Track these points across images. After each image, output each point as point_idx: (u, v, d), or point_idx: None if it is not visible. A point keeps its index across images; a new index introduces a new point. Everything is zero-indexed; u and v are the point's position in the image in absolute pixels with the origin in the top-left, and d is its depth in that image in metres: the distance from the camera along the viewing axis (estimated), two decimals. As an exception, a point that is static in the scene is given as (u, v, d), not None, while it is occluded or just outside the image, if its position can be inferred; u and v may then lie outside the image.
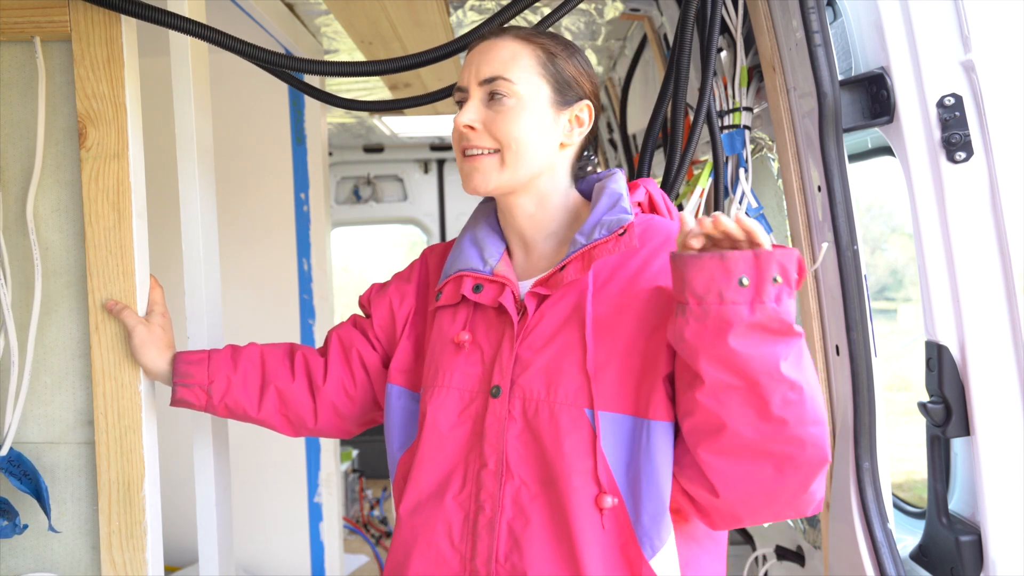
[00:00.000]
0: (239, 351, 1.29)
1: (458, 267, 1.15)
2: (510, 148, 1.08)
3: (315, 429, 1.30)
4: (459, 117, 1.09)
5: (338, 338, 1.29)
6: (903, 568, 1.30)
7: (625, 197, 1.10)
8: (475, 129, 1.09)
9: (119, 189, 1.27)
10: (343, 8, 2.00)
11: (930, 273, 1.21)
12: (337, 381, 1.27)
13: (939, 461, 1.26)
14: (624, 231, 1.04)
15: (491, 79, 1.08)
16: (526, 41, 1.10)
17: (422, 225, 4.75)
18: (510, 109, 1.08)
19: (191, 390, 1.25)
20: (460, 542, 1.06)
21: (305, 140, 2.74)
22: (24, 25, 1.27)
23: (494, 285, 1.11)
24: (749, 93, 1.59)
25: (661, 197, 1.20)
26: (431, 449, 1.11)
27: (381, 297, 1.27)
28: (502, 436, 1.05)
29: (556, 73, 1.10)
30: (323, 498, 2.77)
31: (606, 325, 1.04)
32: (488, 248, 1.16)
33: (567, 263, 1.06)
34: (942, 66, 1.19)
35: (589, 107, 1.13)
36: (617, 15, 2.43)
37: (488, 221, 1.21)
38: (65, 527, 1.31)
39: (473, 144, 1.09)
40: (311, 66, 1.34)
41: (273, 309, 2.74)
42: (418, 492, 1.11)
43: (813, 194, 1.41)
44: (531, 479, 1.04)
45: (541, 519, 1.03)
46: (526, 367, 1.06)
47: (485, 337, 1.11)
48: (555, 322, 1.06)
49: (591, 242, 1.05)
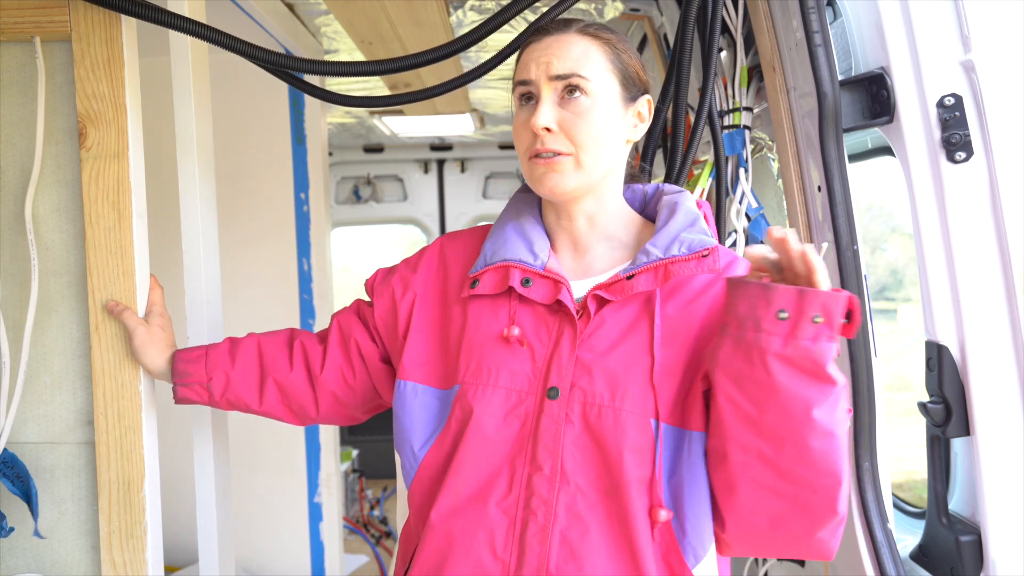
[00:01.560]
0: (237, 344, 1.27)
1: (504, 256, 1.09)
2: (588, 150, 1.04)
3: (319, 418, 1.27)
4: (536, 118, 1.03)
5: (338, 325, 1.25)
6: (903, 568, 1.30)
7: (702, 220, 1.08)
8: (552, 131, 1.04)
9: (119, 189, 1.27)
10: (343, 8, 2.00)
11: (930, 273, 1.21)
12: (336, 370, 1.23)
13: (939, 461, 1.26)
14: (708, 253, 1.02)
15: (566, 76, 1.04)
16: (594, 37, 1.07)
17: (422, 225, 4.75)
18: (587, 109, 1.04)
19: (191, 388, 1.24)
20: (504, 551, 1.00)
21: (305, 140, 2.74)
22: (24, 25, 1.27)
23: (547, 282, 1.06)
24: (749, 93, 1.59)
25: (712, 220, 1.17)
26: (474, 451, 1.04)
27: (384, 286, 1.22)
28: (559, 440, 1.01)
29: (623, 68, 1.07)
30: (323, 498, 2.78)
31: (666, 339, 1.02)
32: (538, 241, 1.11)
33: (637, 273, 1.02)
34: (942, 66, 1.19)
35: (649, 101, 1.11)
36: (617, 15, 2.43)
37: (532, 213, 1.16)
38: (65, 527, 1.31)
39: (548, 147, 1.04)
40: (311, 66, 1.34)
41: (273, 309, 2.74)
42: (455, 495, 1.04)
43: (813, 194, 1.41)
44: (588, 487, 1.00)
45: (600, 529, 0.99)
46: (588, 370, 1.02)
47: (535, 334, 1.06)
48: (619, 328, 1.03)
49: (669, 257, 1.02)
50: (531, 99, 1.07)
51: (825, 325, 0.85)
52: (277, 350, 1.27)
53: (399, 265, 1.24)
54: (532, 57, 1.07)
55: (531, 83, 1.06)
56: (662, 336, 1.02)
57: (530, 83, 1.06)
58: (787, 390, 0.88)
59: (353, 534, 3.67)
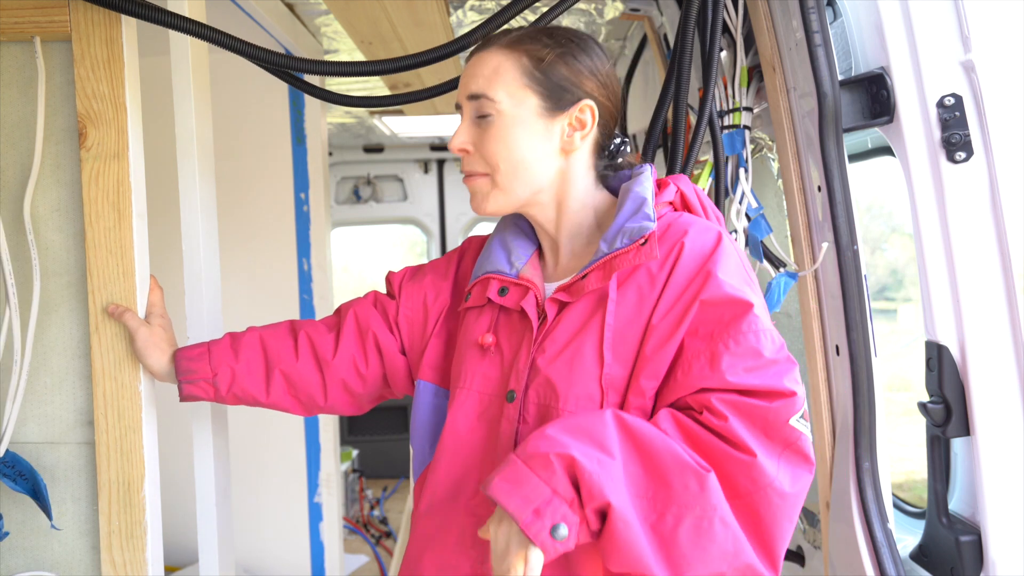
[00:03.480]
0: (238, 338, 1.28)
1: (486, 269, 1.14)
2: (499, 170, 1.06)
3: (326, 406, 1.28)
4: (451, 140, 1.08)
5: (355, 317, 1.26)
6: (903, 568, 1.30)
7: (649, 202, 1.04)
8: (469, 152, 1.08)
9: (119, 189, 1.27)
10: (343, 8, 2.00)
11: (930, 273, 1.21)
12: (348, 358, 1.25)
13: (939, 461, 1.26)
14: (645, 240, 1.01)
15: (475, 96, 1.06)
16: (510, 50, 1.06)
17: (422, 225, 4.75)
18: (496, 129, 1.05)
19: (197, 385, 1.25)
20: (471, 547, 1.04)
21: (305, 140, 2.74)
22: (24, 25, 1.27)
23: (519, 288, 1.09)
24: (749, 93, 1.59)
25: (695, 192, 1.13)
26: (448, 451, 1.09)
27: (415, 286, 1.25)
28: (513, 441, 1.04)
29: (544, 79, 1.05)
30: (323, 498, 2.78)
31: (621, 334, 1.01)
32: (516, 250, 1.14)
33: (589, 271, 1.03)
34: (942, 66, 1.19)
35: (591, 107, 1.07)
36: (617, 15, 2.43)
37: (518, 223, 1.19)
38: (65, 527, 1.31)
39: (467, 168, 1.08)
40: (311, 66, 1.34)
41: (273, 309, 2.74)
42: (433, 494, 1.09)
43: (813, 194, 1.41)
44: None
45: None
46: (539, 372, 1.03)
47: (507, 341, 1.09)
48: (572, 329, 1.03)
49: (613, 251, 1.02)
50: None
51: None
52: (281, 341, 1.27)
53: (428, 269, 1.27)
54: (462, 76, 1.11)
55: (459, 105, 1.09)
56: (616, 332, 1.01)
57: (459, 105, 1.10)
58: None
59: (353, 534, 3.67)
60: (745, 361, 0.94)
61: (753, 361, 0.94)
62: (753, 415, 0.92)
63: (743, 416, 0.92)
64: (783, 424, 0.92)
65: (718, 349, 0.94)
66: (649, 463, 0.90)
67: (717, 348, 0.94)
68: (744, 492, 0.90)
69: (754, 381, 0.93)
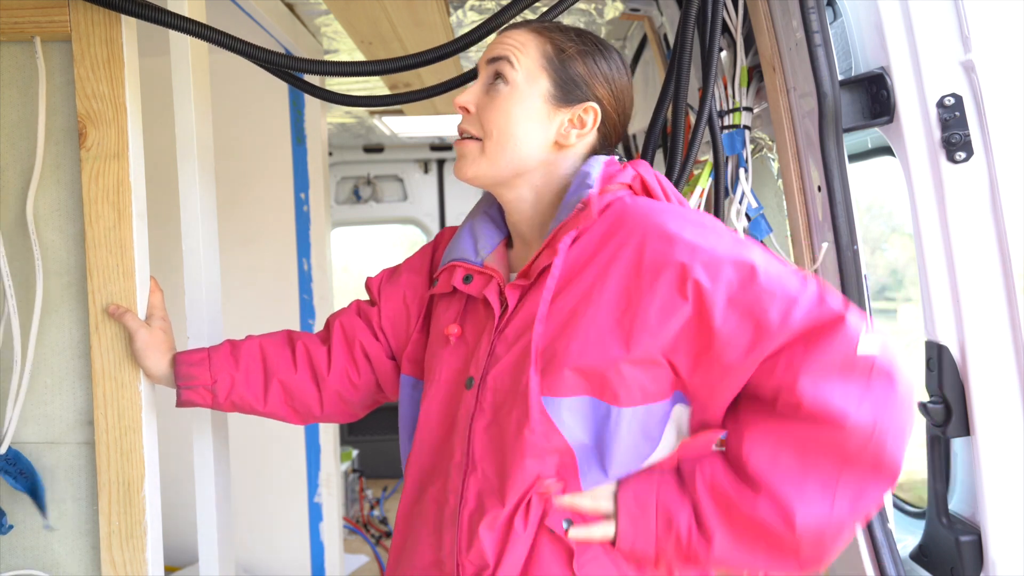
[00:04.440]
0: (238, 346, 1.28)
1: (452, 256, 1.14)
2: (491, 137, 1.06)
3: (322, 416, 1.29)
4: (458, 96, 1.08)
5: (340, 327, 1.28)
6: (903, 568, 1.30)
7: (592, 175, 1.04)
8: (469, 112, 1.08)
9: (119, 189, 1.27)
10: (343, 8, 2.00)
11: (930, 273, 1.21)
12: (341, 371, 1.26)
13: (939, 461, 1.26)
14: (584, 205, 1.01)
15: (496, 59, 1.07)
16: (539, 33, 1.09)
17: (422, 225, 4.75)
18: (503, 97, 1.06)
19: (195, 391, 1.25)
20: (434, 532, 1.06)
21: (305, 140, 2.74)
22: (24, 25, 1.27)
23: (482, 276, 1.09)
24: (749, 93, 1.59)
25: (655, 178, 1.11)
26: (421, 443, 1.11)
27: (393, 288, 1.25)
28: (468, 428, 1.04)
29: (560, 69, 1.07)
30: (323, 498, 2.78)
31: (574, 311, 1.00)
32: (483, 239, 1.14)
33: (540, 251, 1.03)
34: (942, 66, 1.19)
35: (595, 110, 1.08)
36: (617, 15, 2.43)
37: (489, 211, 1.19)
38: (65, 527, 1.31)
39: (464, 127, 1.09)
40: (311, 66, 1.34)
41: (273, 309, 2.74)
42: (412, 485, 1.12)
43: (813, 194, 1.41)
44: (493, 472, 1.02)
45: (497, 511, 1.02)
46: (498, 359, 1.04)
47: (472, 330, 1.10)
48: (529, 315, 1.03)
49: (556, 224, 1.03)
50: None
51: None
52: (279, 351, 1.28)
53: (403, 267, 1.28)
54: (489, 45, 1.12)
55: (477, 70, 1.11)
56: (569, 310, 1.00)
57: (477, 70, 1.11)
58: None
59: (353, 534, 3.67)
60: (787, 305, 0.92)
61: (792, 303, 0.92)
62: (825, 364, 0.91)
63: (817, 376, 0.91)
64: (853, 355, 0.91)
65: (756, 312, 0.93)
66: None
67: (754, 311, 0.93)
68: (855, 452, 0.91)
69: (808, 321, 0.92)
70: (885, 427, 0.90)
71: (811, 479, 0.92)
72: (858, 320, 0.93)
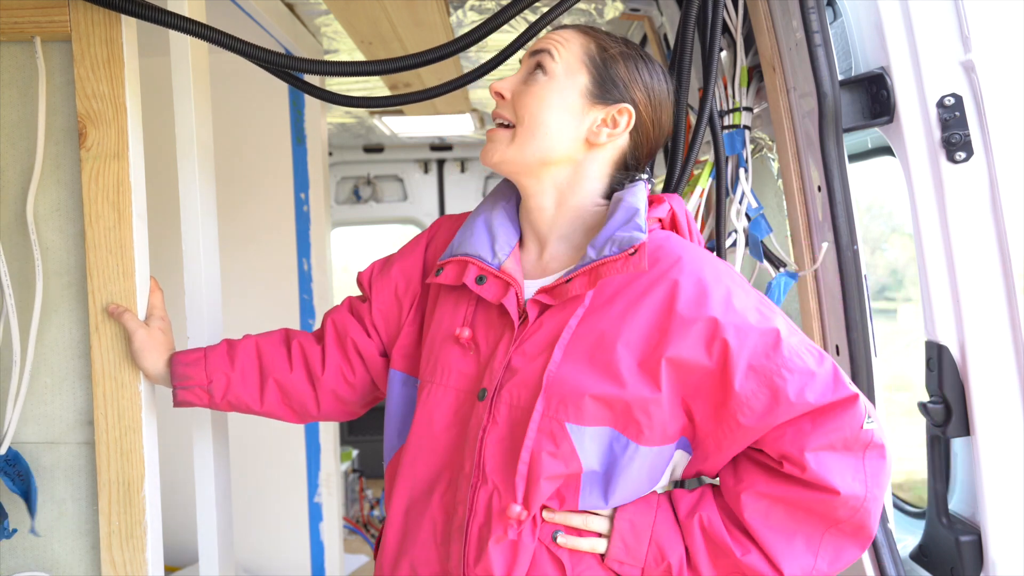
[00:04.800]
0: (234, 345, 1.28)
1: (465, 249, 1.10)
2: (523, 123, 1.05)
3: (319, 415, 1.28)
4: (495, 82, 1.09)
5: (332, 324, 1.26)
6: (903, 568, 1.30)
7: (641, 213, 1.03)
8: (504, 98, 1.08)
9: (119, 189, 1.27)
10: (343, 8, 2.00)
11: (930, 273, 1.21)
12: (336, 369, 1.25)
13: (939, 461, 1.26)
14: (635, 251, 0.99)
15: (539, 51, 1.08)
16: (585, 33, 1.10)
17: (422, 225, 4.75)
18: (540, 85, 1.06)
19: (192, 391, 1.24)
20: (442, 543, 1.05)
21: (305, 140, 2.74)
22: (24, 25, 1.27)
23: (499, 282, 1.06)
24: (749, 93, 1.59)
25: (685, 215, 1.13)
26: (424, 447, 1.09)
27: (384, 280, 1.23)
28: (479, 440, 1.03)
29: (601, 67, 1.07)
30: (323, 498, 2.78)
31: (601, 340, 1.01)
32: (500, 238, 1.11)
33: (574, 276, 1.02)
34: (942, 66, 1.19)
35: (630, 112, 1.07)
36: (617, 15, 2.43)
37: (506, 207, 1.15)
38: (65, 527, 1.31)
39: (497, 112, 1.09)
40: (311, 66, 1.34)
41: (273, 309, 2.74)
42: (411, 489, 1.09)
43: (813, 194, 1.41)
44: (506, 486, 1.01)
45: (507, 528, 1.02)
46: (515, 374, 1.03)
47: (484, 336, 1.08)
48: (551, 333, 1.03)
49: (601, 258, 1.00)
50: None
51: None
52: (275, 350, 1.27)
53: (395, 257, 1.26)
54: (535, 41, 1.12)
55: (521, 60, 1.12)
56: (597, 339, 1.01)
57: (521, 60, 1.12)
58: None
59: (353, 534, 3.67)
60: (804, 381, 0.96)
61: (810, 379, 0.97)
62: (832, 440, 0.97)
63: (823, 449, 0.97)
64: (858, 431, 0.97)
65: (775, 383, 0.96)
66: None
67: (773, 382, 0.96)
68: (845, 518, 0.98)
69: (821, 400, 0.96)
70: (873, 498, 0.98)
71: (799, 536, 0.99)
72: (865, 402, 1.00)
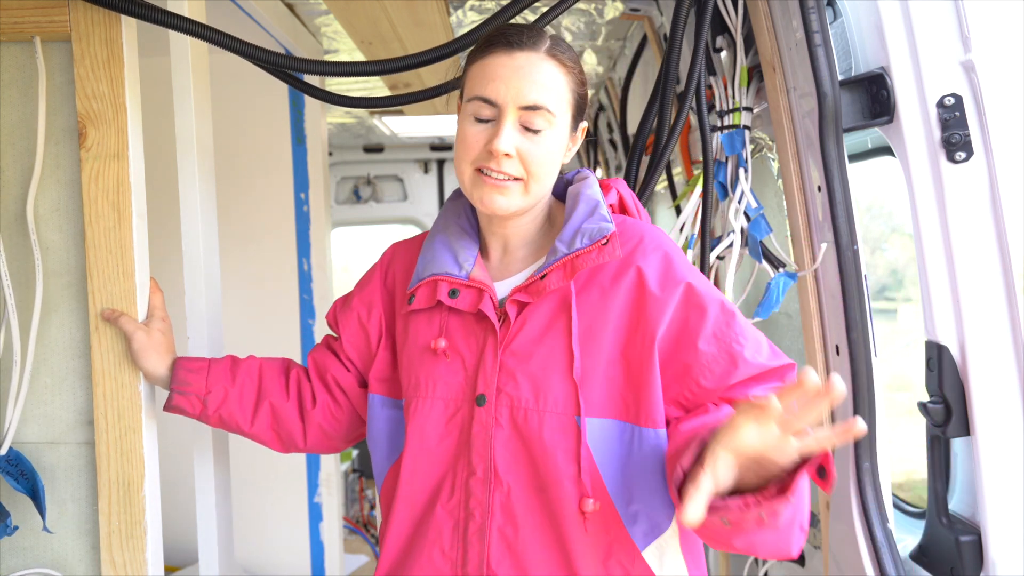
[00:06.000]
0: (238, 363, 1.29)
1: (432, 271, 1.12)
2: (537, 179, 1.06)
3: (304, 449, 1.30)
4: (498, 142, 1.01)
5: (314, 363, 1.29)
6: (903, 568, 1.30)
7: (602, 204, 1.10)
8: (511, 157, 1.03)
9: (119, 189, 1.27)
10: (343, 8, 2.00)
11: (930, 273, 1.21)
12: (323, 405, 1.27)
13: (939, 461, 1.26)
14: (607, 240, 1.05)
15: (535, 107, 1.02)
16: (561, 64, 1.05)
17: (422, 225, 4.75)
18: (546, 141, 1.04)
19: (187, 398, 1.25)
20: (451, 549, 1.07)
21: (305, 140, 2.73)
22: (24, 25, 1.27)
23: (471, 291, 1.09)
24: (749, 93, 1.59)
25: (631, 198, 1.19)
26: (419, 460, 1.10)
27: (347, 313, 1.25)
28: (489, 444, 1.05)
29: (578, 98, 1.09)
30: (323, 498, 2.77)
31: (589, 331, 1.05)
32: (462, 251, 1.12)
33: (548, 271, 1.05)
34: (942, 66, 1.19)
35: (584, 129, 1.13)
36: (617, 15, 2.43)
37: (459, 222, 1.17)
38: (65, 527, 1.31)
39: (504, 170, 1.03)
40: (311, 66, 1.34)
41: (273, 309, 2.74)
42: (410, 503, 1.11)
43: (813, 194, 1.41)
44: (520, 485, 1.04)
45: (533, 524, 1.04)
46: (511, 375, 1.05)
47: (464, 343, 1.09)
48: (538, 329, 1.06)
49: (573, 251, 1.05)
50: (487, 120, 1.04)
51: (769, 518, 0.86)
52: (275, 376, 1.30)
53: (354, 290, 1.28)
54: (500, 75, 1.02)
55: (496, 105, 1.02)
56: (582, 329, 1.05)
57: (495, 105, 1.02)
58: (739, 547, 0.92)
59: (353, 534, 3.67)
60: (756, 348, 1.05)
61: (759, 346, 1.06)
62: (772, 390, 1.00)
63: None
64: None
65: (732, 349, 1.04)
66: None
67: (732, 348, 1.04)
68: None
69: (770, 363, 1.05)
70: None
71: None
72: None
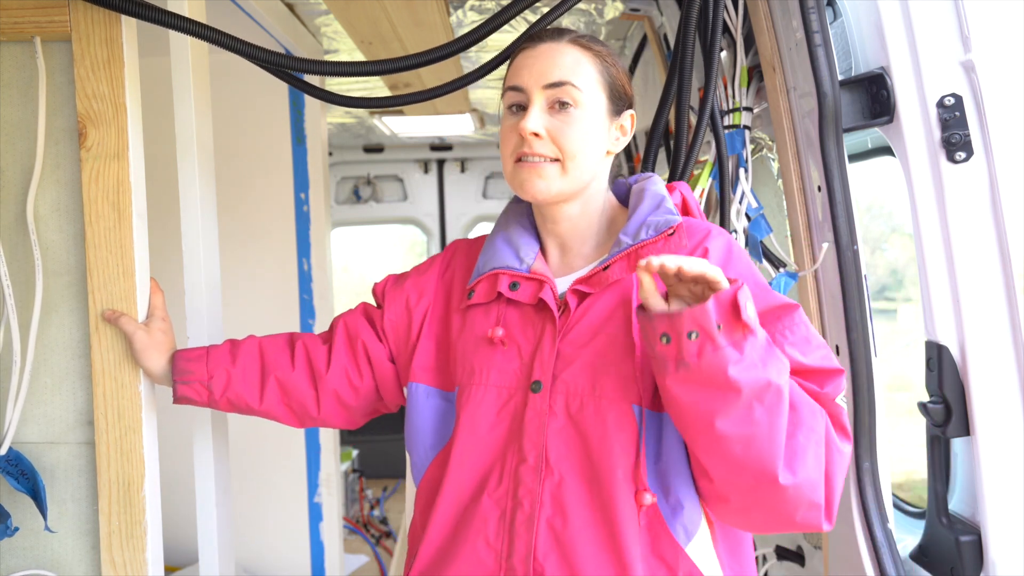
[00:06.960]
0: (237, 344, 1.29)
1: (493, 265, 1.14)
2: (573, 158, 1.07)
3: (319, 419, 1.29)
4: (525, 122, 1.05)
5: (344, 326, 1.28)
6: (903, 568, 1.30)
7: (668, 199, 1.11)
8: (540, 136, 1.06)
9: (119, 189, 1.27)
10: (343, 8, 2.00)
11: (930, 273, 1.21)
12: (341, 370, 1.25)
13: (939, 461, 1.26)
14: (673, 231, 1.06)
15: (559, 84, 1.06)
16: (586, 48, 1.09)
17: (422, 225, 4.75)
18: (576, 119, 1.06)
19: (191, 386, 1.25)
20: (495, 539, 1.04)
21: (305, 140, 2.74)
22: (24, 25, 1.27)
23: (532, 282, 1.10)
24: (749, 93, 1.59)
25: (694, 202, 1.20)
26: (469, 448, 1.08)
27: (397, 290, 1.25)
28: (542, 431, 1.04)
29: (611, 82, 1.10)
30: (323, 498, 2.78)
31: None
32: (523, 247, 1.15)
33: (611, 262, 1.06)
34: (942, 66, 1.19)
35: (632, 116, 1.14)
36: (617, 15, 2.43)
37: (521, 222, 1.19)
38: (65, 527, 1.31)
39: (535, 151, 1.06)
40: (311, 66, 1.34)
41: (273, 309, 2.74)
42: (458, 492, 1.09)
43: (813, 194, 1.41)
44: (572, 475, 1.03)
45: (584, 516, 1.02)
46: (569, 362, 1.05)
47: (522, 333, 1.10)
48: (598, 318, 1.06)
49: (638, 242, 1.06)
50: (522, 107, 1.09)
51: (703, 338, 0.85)
52: (278, 350, 1.28)
53: (411, 272, 1.28)
54: (525, 64, 1.09)
55: (523, 90, 1.09)
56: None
57: (522, 90, 1.09)
58: (686, 405, 0.90)
59: (353, 534, 3.67)
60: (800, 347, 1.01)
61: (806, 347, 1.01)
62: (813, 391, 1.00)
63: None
64: (831, 401, 1.00)
65: (776, 340, 1.00)
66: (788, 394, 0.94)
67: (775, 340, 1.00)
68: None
69: (811, 362, 1.00)
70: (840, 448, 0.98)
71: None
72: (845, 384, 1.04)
